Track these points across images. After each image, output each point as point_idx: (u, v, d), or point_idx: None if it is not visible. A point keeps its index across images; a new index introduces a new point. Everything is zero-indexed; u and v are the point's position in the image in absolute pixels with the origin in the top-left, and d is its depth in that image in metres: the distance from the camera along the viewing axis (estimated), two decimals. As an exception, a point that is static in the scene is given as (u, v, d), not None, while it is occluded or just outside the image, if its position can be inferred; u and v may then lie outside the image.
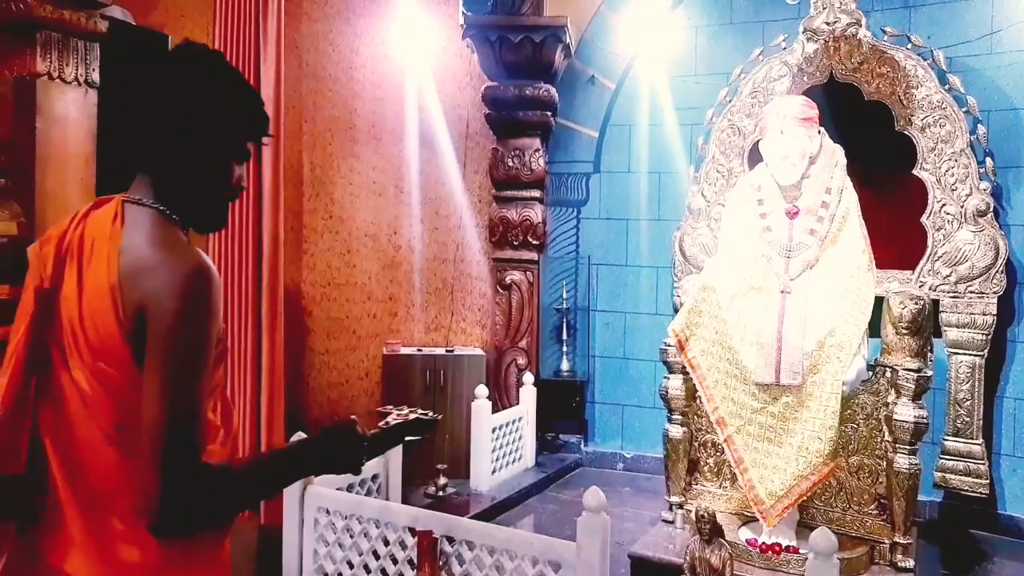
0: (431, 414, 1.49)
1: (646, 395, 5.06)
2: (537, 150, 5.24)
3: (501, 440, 4.50)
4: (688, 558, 2.43)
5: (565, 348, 5.16)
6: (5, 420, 1.24)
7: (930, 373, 3.35)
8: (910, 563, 3.21)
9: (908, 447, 3.22)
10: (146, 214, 1.27)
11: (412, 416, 1.46)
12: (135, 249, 1.23)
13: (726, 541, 2.45)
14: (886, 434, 3.31)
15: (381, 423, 1.46)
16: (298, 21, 5.38)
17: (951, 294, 4.13)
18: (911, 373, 3.24)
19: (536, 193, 5.25)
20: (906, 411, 3.21)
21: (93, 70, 3.03)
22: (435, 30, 5.34)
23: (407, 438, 1.46)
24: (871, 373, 3.39)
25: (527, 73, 5.11)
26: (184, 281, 1.18)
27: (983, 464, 4.01)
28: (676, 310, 4.15)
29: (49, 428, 1.25)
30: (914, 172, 4.27)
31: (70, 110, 3.09)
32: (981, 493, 4.00)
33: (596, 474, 5.02)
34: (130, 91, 1.28)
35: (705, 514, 2.46)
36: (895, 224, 4.36)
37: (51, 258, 1.28)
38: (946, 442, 4.08)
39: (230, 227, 3.12)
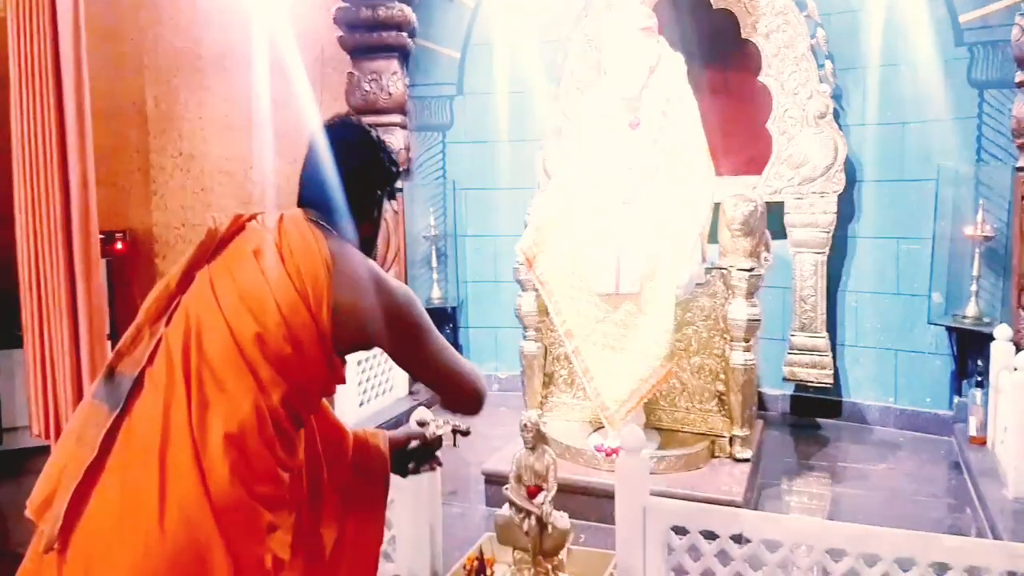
0: (463, 425, 1.81)
1: (517, 316, 5.06)
2: (395, 73, 5.05)
3: (368, 372, 4.46)
4: (515, 467, 2.47)
5: (436, 275, 5.09)
6: (143, 326, 1.41)
7: (762, 272, 3.45)
8: (748, 454, 3.36)
9: (743, 343, 3.34)
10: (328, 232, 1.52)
11: (448, 427, 1.79)
12: (342, 258, 1.47)
13: (550, 448, 2.49)
14: (724, 333, 3.42)
15: (422, 430, 1.80)
16: (129, -56, 4.98)
17: (795, 195, 4.26)
18: (743, 272, 3.34)
19: (397, 118, 5.07)
20: (739, 309, 3.32)
21: None
22: (282, -51, 5.01)
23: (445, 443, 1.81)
24: (709, 276, 3.47)
25: (381, -9, 4.89)
26: (397, 295, 1.51)
27: (827, 356, 4.22)
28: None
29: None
30: (759, 79, 4.33)
31: None
32: (826, 383, 4.22)
33: (472, 397, 5.03)
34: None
35: (528, 423, 2.48)
36: (747, 130, 4.43)
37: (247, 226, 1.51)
38: (793, 337, 4.27)
39: (33, 169, 2.90)
